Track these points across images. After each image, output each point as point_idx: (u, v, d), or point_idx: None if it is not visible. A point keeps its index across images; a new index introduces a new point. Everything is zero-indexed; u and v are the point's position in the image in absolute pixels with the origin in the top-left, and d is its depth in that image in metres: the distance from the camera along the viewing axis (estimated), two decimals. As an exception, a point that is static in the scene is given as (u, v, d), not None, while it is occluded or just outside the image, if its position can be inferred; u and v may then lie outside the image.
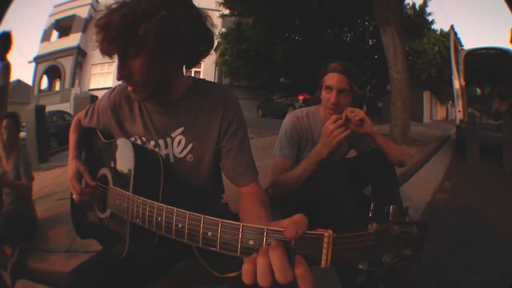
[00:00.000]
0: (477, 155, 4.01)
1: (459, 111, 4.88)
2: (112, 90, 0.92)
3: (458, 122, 4.86)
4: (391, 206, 0.42)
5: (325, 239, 0.41)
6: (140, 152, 0.75)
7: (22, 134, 4.74)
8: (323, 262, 0.41)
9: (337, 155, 1.28)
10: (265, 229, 0.44)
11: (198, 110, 0.85)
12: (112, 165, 0.81)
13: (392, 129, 4.81)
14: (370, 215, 0.43)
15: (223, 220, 0.47)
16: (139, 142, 0.87)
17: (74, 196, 0.84)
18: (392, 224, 0.41)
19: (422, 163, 3.80)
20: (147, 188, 0.70)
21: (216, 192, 0.89)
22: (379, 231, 0.41)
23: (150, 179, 0.74)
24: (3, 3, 0.88)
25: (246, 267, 0.44)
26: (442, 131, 7.52)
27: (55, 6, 13.35)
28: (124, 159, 0.75)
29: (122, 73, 0.73)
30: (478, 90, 8.29)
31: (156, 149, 0.85)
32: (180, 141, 0.84)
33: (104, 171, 0.84)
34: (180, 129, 0.84)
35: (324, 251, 0.41)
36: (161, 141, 0.85)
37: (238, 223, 0.46)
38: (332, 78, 1.18)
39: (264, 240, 0.44)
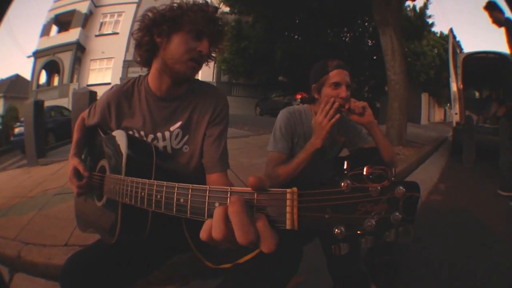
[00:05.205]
0: (473, 158, 4.01)
1: (456, 113, 4.89)
2: (110, 89, 0.98)
3: (454, 125, 4.88)
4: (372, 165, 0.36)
5: (288, 195, 0.38)
6: (133, 140, 0.82)
7: (20, 129, 4.74)
8: (288, 222, 0.37)
9: (330, 153, 1.30)
10: (229, 189, 0.42)
11: (194, 106, 0.94)
12: (109, 155, 0.86)
13: (388, 130, 4.82)
14: (345, 172, 0.37)
15: (194, 185, 0.46)
16: (136, 135, 0.93)
17: (74, 190, 0.90)
18: (371, 182, 0.35)
19: (417, 164, 3.83)
20: (140, 170, 0.72)
21: (202, 183, 0.94)
22: (354, 189, 0.36)
23: (142, 163, 0.78)
24: (4, 2, 0.89)
25: (206, 222, 0.42)
26: (439, 133, 7.56)
27: (55, 1, 13.27)
28: (118, 146, 0.79)
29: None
30: (477, 94, 8.34)
31: (154, 142, 0.91)
32: (178, 134, 0.93)
33: (103, 162, 0.88)
34: (179, 123, 0.93)
35: (288, 209, 0.37)
36: (159, 134, 0.92)
37: (206, 186, 0.45)
38: (339, 74, 1.21)
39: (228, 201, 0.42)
